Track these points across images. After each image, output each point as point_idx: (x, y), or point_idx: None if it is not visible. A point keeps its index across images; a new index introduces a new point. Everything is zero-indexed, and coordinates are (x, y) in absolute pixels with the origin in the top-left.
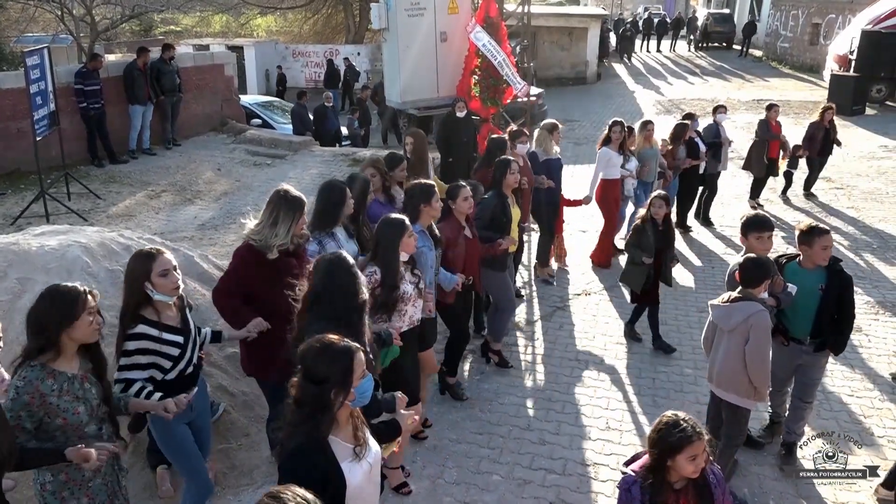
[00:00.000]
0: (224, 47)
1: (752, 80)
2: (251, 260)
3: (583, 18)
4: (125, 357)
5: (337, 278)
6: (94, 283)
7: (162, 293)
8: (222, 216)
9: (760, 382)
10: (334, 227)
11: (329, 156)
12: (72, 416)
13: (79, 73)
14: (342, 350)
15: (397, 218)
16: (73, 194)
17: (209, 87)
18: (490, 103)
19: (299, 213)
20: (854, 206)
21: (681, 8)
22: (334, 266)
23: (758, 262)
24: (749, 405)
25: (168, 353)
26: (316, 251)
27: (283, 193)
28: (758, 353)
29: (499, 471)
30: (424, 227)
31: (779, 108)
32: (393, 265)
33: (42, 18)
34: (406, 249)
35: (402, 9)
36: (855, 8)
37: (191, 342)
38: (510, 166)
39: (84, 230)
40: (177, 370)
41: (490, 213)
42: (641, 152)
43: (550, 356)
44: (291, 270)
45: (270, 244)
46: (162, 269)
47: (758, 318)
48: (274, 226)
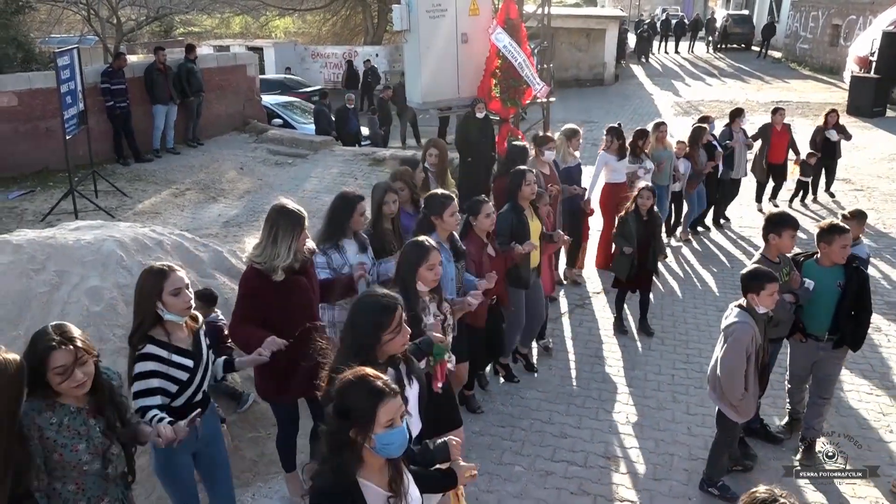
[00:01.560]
0: (244, 48)
1: (770, 82)
2: (258, 284)
3: (601, 20)
4: (137, 381)
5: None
6: (128, 277)
7: (173, 312)
8: (245, 214)
9: (729, 391)
10: (342, 239)
11: (349, 155)
12: (69, 454)
13: (105, 73)
14: (372, 390)
15: (424, 243)
16: (100, 192)
17: (231, 87)
18: (510, 104)
19: (300, 229)
20: (874, 208)
21: (699, 9)
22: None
23: (752, 273)
24: (729, 414)
25: (175, 377)
26: (323, 263)
27: (279, 209)
28: (727, 361)
29: (521, 462)
30: (443, 240)
31: (784, 111)
32: (410, 290)
33: (66, 20)
34: (423, 281)
35: (423, 10)
36: (876, 9)
37: (201, 368)
38: (525, 177)
39: (117, 225)
40: (184, 396)
41: (508, 228)
42: (654, 154)
43: (570, 352)
44: (301, 289)
45: (275, 265)
46: (174, 287)
47: (737, 328)
48: (275, 244)
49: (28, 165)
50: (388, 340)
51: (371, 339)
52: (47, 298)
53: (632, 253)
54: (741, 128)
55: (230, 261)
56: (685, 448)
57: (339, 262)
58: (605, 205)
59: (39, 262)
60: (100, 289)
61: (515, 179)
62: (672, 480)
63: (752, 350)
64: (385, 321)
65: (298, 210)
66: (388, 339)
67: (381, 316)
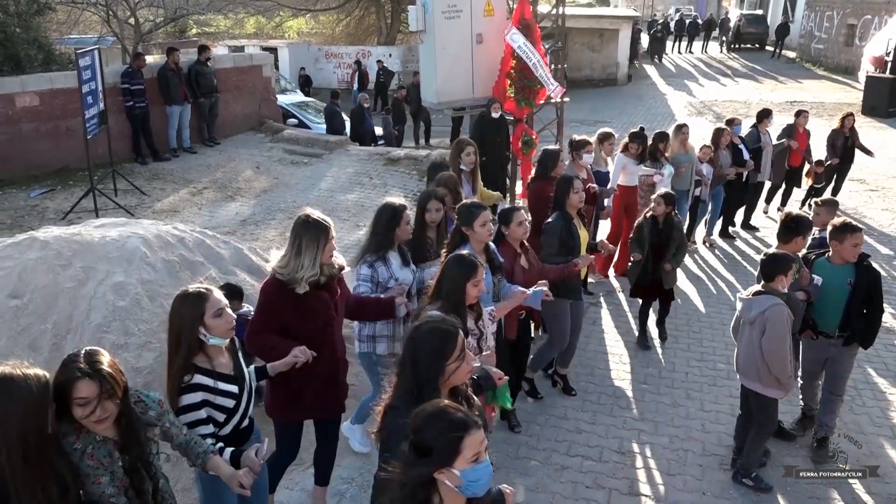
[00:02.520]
0: (258, 48)
1: (785, 82)
2: (279, 295)
3: (614, 20)
4: (185, 414)
5: (417, 344)
6: (152, 273)
7: (217, 336)
8: (262, 212)
9: (780, 373)
10: (389, 252)
11: (364, 155)
12: (91, 485)
13: (125, 73)
14: (455, 422)
15: (469, 258)
16: (119, 190)
17: (248, 87)
18: (524, 104)
19: (324, 239)
20: (889, 209)
21: (713, 9)
22: (416, 332)
23: (775, 257)
24: (774, 394)
25: (223, 405)
26: (367, 276)
27: (304, 219)
28: (774, 345)
29: (536, 457)
30: (478, 251)
31: (808, 114)
32: (459, 309)
33: (85, 21)
34: (468, 298)
35: (438, 11)
36: (892, 9)
37: (246, 391)
38: (573, 185)
39: (140, 223)
40: (231, 424)
41: (559, 239)
42: (675, 157)
43: (585, 349)
44: (324, 305)
45: (298, 277)
46: (216, 308)
47: (773, 312)
48: (298, 256)
49: (49, 164)
50: (452, 370)
51: (434, 369)
52: (74, 293)
53: (639, 260)
54: (767, 129)
55: (251, 258)
56: (699, 444)
57: (385, 276)
58: (620, 208)
59: (66, 259)
60: (125, 284)
61: (563, 187)
62: (686, 475)
63: (790, 325)
64: (448, 349)
65: (323, 220)
66: (452, 369)
67: (444, 343)
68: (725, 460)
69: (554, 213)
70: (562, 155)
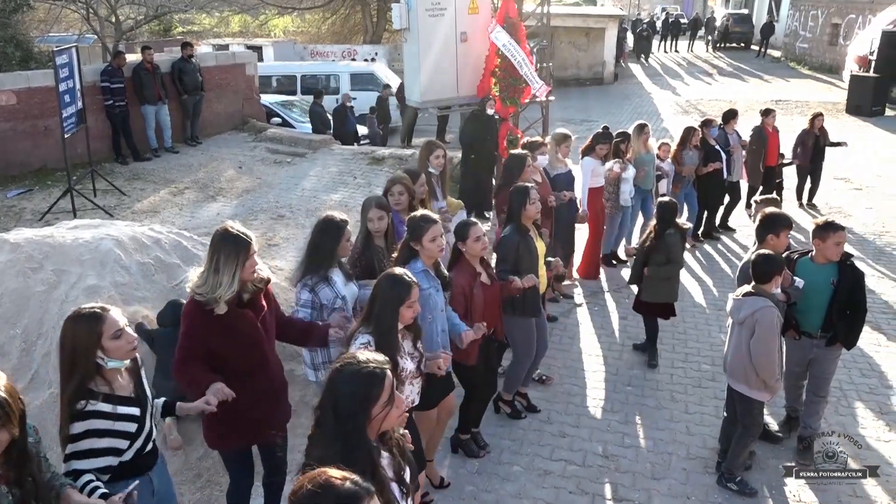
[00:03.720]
0: (243, 47)
1: (770, 81)
2: (200, 318)
3: (600, 19)
4: (73, 443)
5: (339, 390)
6: (126, 276)
7: (116, 358)
8: (244, 213)
9: (767, 375)
10: (330, 270)
11: (348, 154)
12: None
13: (104, 72)
14: (342, 497)
15: (403, 278)
16: (98, 191)
17: (231, 86)
18: (509, 103)
19: (244, 255)
20: (873, 207)
21: (699, 8)
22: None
23: (767, 258)
24: (760, 397)
25: (124, 431)
26: (308, 300)
27: (221, 233)
28: (762, 346)
29: (519, 462)
30: (429, 266)
31: (776, 113)
32: (390, 333)
33: (65, 18)
34: (402, 320)
35: (422, 9)
36: (875, 8)
37: (149, 413)
38: (529, 195)
39: (115, 224)
40: (133, 449)
41: (514, 254)
42: (638, 158)
43: (569, 352)
44: (250, 324)
45: (216, 297)
46: (114, 329)
47: (763, 314)
48: (216, 274)
49: (26, 164)
50: (381, 418)
51: (358, 418)
52: (45, 297)
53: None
54: (734, 130)
55: None
56: (683, 447)
57: (330, 297)
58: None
59: (37, 261)
60: (98, 287)
61: (518, 198)
62: (670, 479)
63: (779, 328)
64: (374, 394)
65: (244, 234)
66: (380, 416)
67: (369, 389)
68: (710, 463)
69: (508, 226)
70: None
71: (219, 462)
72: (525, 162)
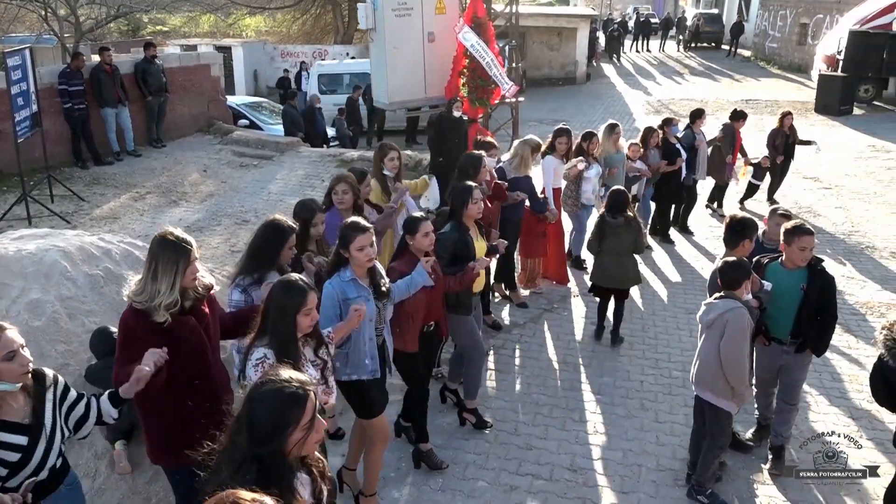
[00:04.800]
0: (212, 47)
1: (740, 80)
2: (139, 326)
3: (572, 18)
4: None
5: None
6: (72, 289)
7: (7, 381)
8: (207, 218)
9: (736, 381)
10: (268, 273)
11: (316, 157)
12: None
13: (62, 74)
14: None
15: (297, 284)
16: (56, 196)
17: (195, 87)
18: (478, 104)
19: (184, 262)
20: (842, 206)
21: (670, 8)
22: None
23: (735, 264)
24: (728, 407)
25: (4, 459)
26: (240, 301)
27: (160, 239)
28: (732, 349)
29: (485, 477)
30: (359, 276)
31: (747, 118)
32: (289, 345)
33: (27, 18)
34: (299, 329)
35: (389, 9)
36: (842, 8)
37: (43, 441)
38: (472, 194)
39: (63, 234)
40: (20, 478)
41: (451, 250)
42: (608, 157)
43: (538, 359)
44: (192, 331)
45: (155, 305)
46: (6, 351)
47: (734, 315)
48: (155, 281)
49: None
50: (297, 442)
51: (275, 441)
52: None
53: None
54: (701, 129)
55: None
56: (653, 458)
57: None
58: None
59: None
60: (41, 302)
61: (461, 196)
62: (640, 493)
63: (750, 331)
64: (294, 416)
65: (184, 240)
66: (297, 441)
67: (289, 409)
68: (680, 475)
69: (448, 223)
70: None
71: (168, 485)
72: (480, 162)
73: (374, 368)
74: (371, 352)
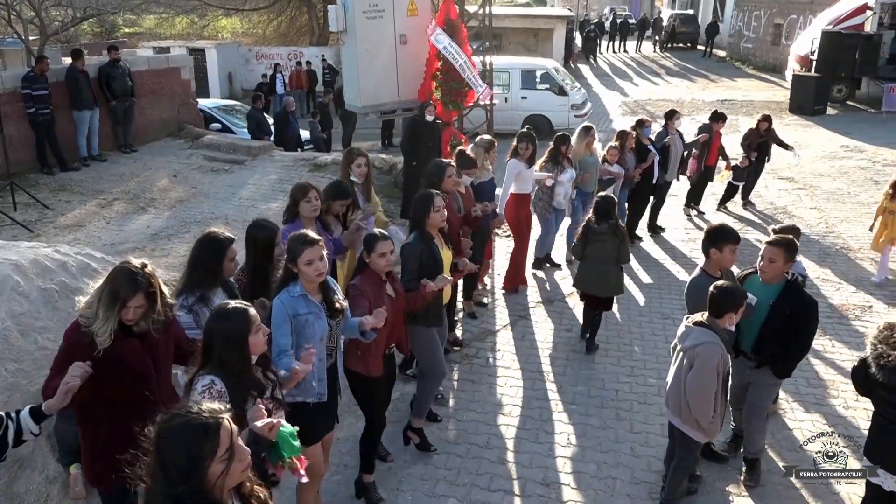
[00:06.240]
0: (185, 49)
1: (716, 81)
2: (79, 343)
3: (548, 19)
4: None
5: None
6: (24, 304)
7: None
8: (176, 225)
9: (700, 415)
10: (211, 290)
11: (289, 161)
12: None
13: (26, 78)
14: None
15: (233, 308)
16: (19, 204)
17: (165, 91)
18: (452, 107)
19: (131, 297)
20: (817, 207)
21: (646, 9)
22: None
23: (725, 292)
24: (694, 436)
25: None
26: (189, 322)
27: (118, 268)
28: (698, 382)
29: (456, 493)
30: (310, 292)
31: (726, 119)
32: (243, 374)
33: None
34: (253, 349)
35: (359, 11)
36: (816, 9)
37: None
38: (433, 202)
39: (17, 246)
40: None
41: (417, 262)
42: (582, 160)
43: (511, 367)
44: (136, 355)
45: (94, 328)
46: None
47: (706, 348)
48: (100, 304)
49: None
50: (219, 475)
51: (192, 477)
52: None
53: None
54: (676, 129)
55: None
56: (628, 471)
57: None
58: (514, 218)
59: None
60: None
61: (422, 205)
62: None
63: (721, 369)
64: (207, 449)
65: (141, 275)
66: (218, 473)
67: (202, 442)
68: (655, 488)
69: (412, 234)
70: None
71: None
72: (444, 170)
73: (321, 392)
74: (319, 374)
